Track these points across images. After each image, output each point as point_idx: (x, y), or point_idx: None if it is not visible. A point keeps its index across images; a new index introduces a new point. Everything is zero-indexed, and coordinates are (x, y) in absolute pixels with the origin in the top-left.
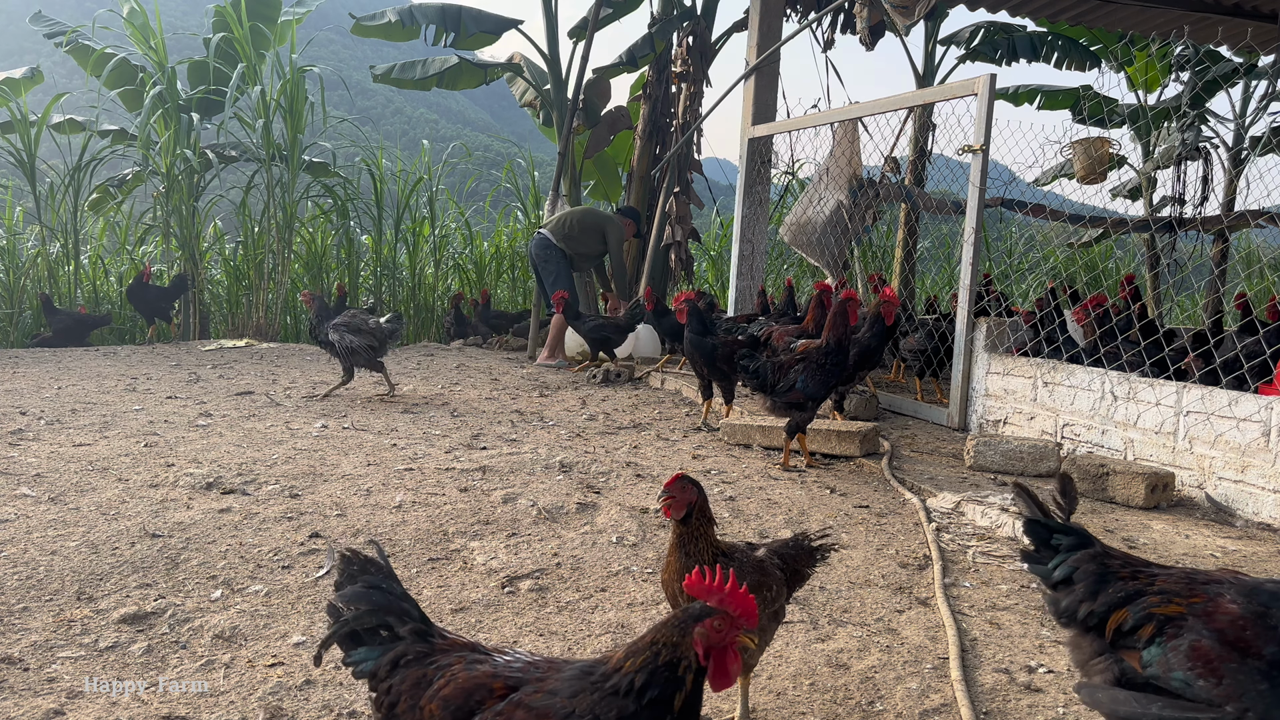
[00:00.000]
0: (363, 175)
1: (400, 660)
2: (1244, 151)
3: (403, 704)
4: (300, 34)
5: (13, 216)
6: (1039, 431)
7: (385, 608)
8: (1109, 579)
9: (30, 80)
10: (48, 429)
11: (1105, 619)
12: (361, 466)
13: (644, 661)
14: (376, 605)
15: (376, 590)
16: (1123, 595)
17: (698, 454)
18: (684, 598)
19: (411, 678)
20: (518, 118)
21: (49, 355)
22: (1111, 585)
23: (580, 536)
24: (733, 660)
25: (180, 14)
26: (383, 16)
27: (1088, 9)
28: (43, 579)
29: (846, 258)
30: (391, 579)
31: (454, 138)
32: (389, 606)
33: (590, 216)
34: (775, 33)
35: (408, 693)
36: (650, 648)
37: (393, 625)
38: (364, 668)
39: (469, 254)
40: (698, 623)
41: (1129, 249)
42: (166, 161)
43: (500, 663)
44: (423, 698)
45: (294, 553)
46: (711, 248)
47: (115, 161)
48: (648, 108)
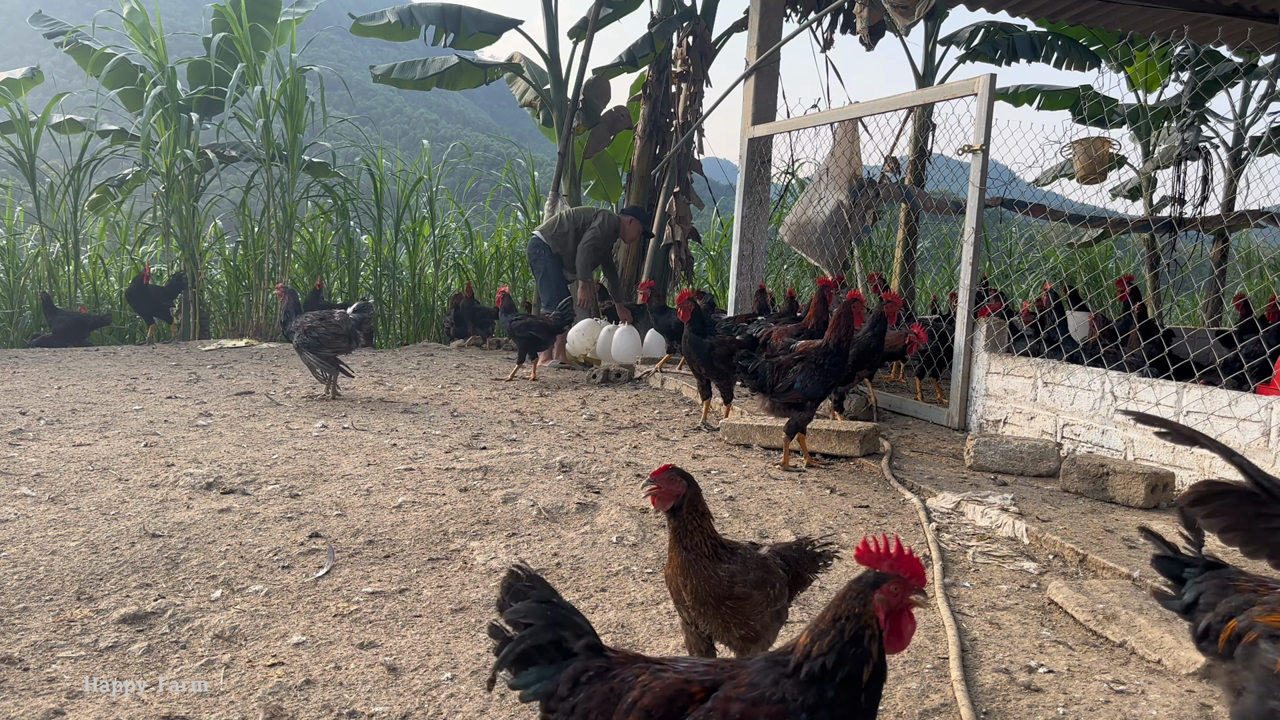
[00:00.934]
0: (363, 175)
1: (580, 677)
2: (1244, 151)
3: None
4: (300, 34)
5: (13, 216)
6: (1039, 431)
7: (560, 622)
8: (1227, 591)
9: (30, 80)
10: (48, 429)
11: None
12: (361, 466)
13: (831, 642)
14: (551, 620)
15: (548, 605)
16: (1236, 604)
17: (698, 454)
18: (687, 594)
19: (599, 694)
20: (518, 118)
21: (49, 355)
22: (1229, 597)
23: (580, 536)
24: (908, 622)
25: (180, 14)
26: (382, 17)
27: (1088, 9)
28: (43, 579)
29: (846, 258)
30: (554, 594)
31: (454, 138)
32: (563, 621)
33: (581, 215)
34: (775, 33)
35: (597, 709)
36: (834, 625)
37: (566, 641)
38: (538, 689)
39: (469, 254)
40: (875, 589)
41: (1129, 249)
42: (166, 161)
43: (683, 668)
44: (615, 713)
45: (294, 553)
46: (711, 248)
47: (115, 161)
48: (648, 108)
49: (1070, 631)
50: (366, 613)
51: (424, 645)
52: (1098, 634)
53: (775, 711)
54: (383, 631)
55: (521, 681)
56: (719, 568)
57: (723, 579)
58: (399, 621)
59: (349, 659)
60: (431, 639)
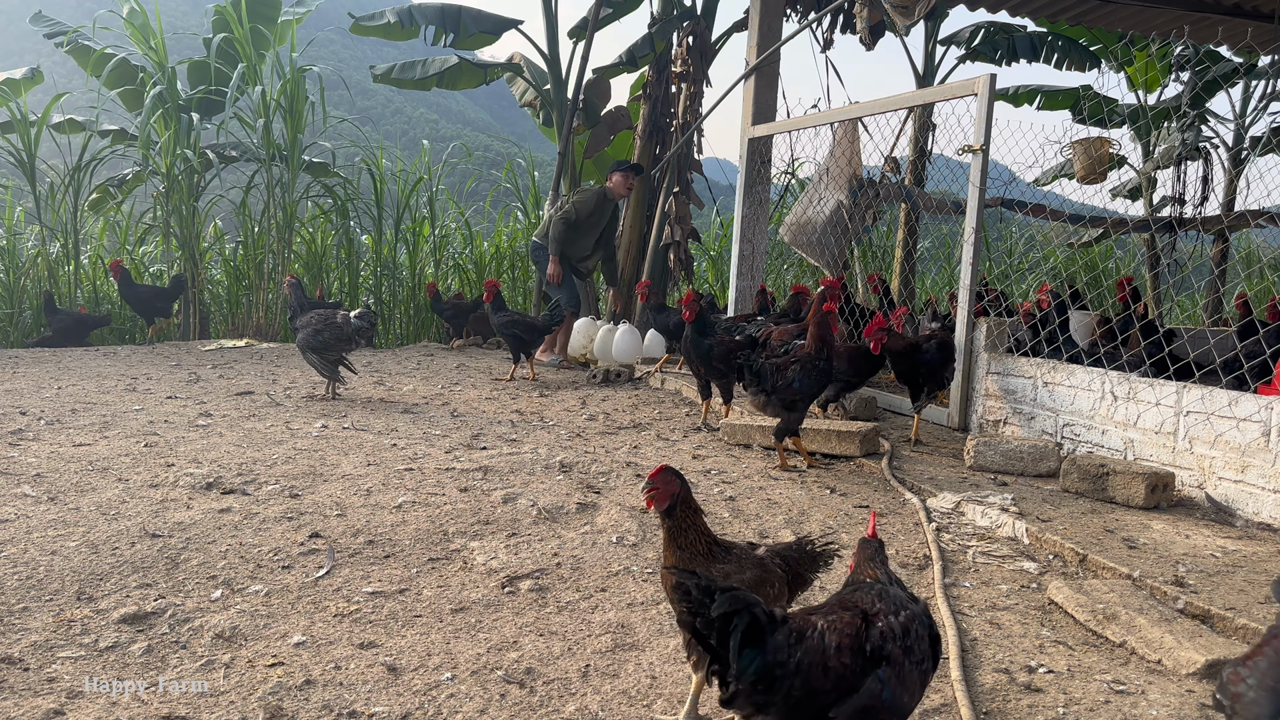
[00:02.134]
0: (363, 175)
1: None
2: (1244, 151)
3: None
4: (300, 34)
5: (13, 216)
6: (1039, 431)
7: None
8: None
9: (30, 80)
10: (48, 429)
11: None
12: (361, 466)
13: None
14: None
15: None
16: None
17: (698, 454)
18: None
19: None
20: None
21: (49, 355)
22: None
23: (580, 536)
24: None
25: (180, 14)
26: (382, 17)
27: (1088, 9)
28: (43, 579)
29: (846, 258)
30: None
31: (454, 138)
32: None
33: (565, 201)
34: (775, 33)
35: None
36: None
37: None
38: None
39: (469, 254)
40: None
41: (1129, 249)
42: (166, 161)
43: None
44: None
45: (294, 553)
46: (711, 248)
47: (115, 161)
48: (648, 108)
49: (1070, 631)
50: (366, 613)
51: (424, 645)
52: (1098, 634)
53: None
54: (383, 631)
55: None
56: (714, 567)
57: (716, 578)
58: (399, 621)
59: (349, 659)
60: (431, 639)
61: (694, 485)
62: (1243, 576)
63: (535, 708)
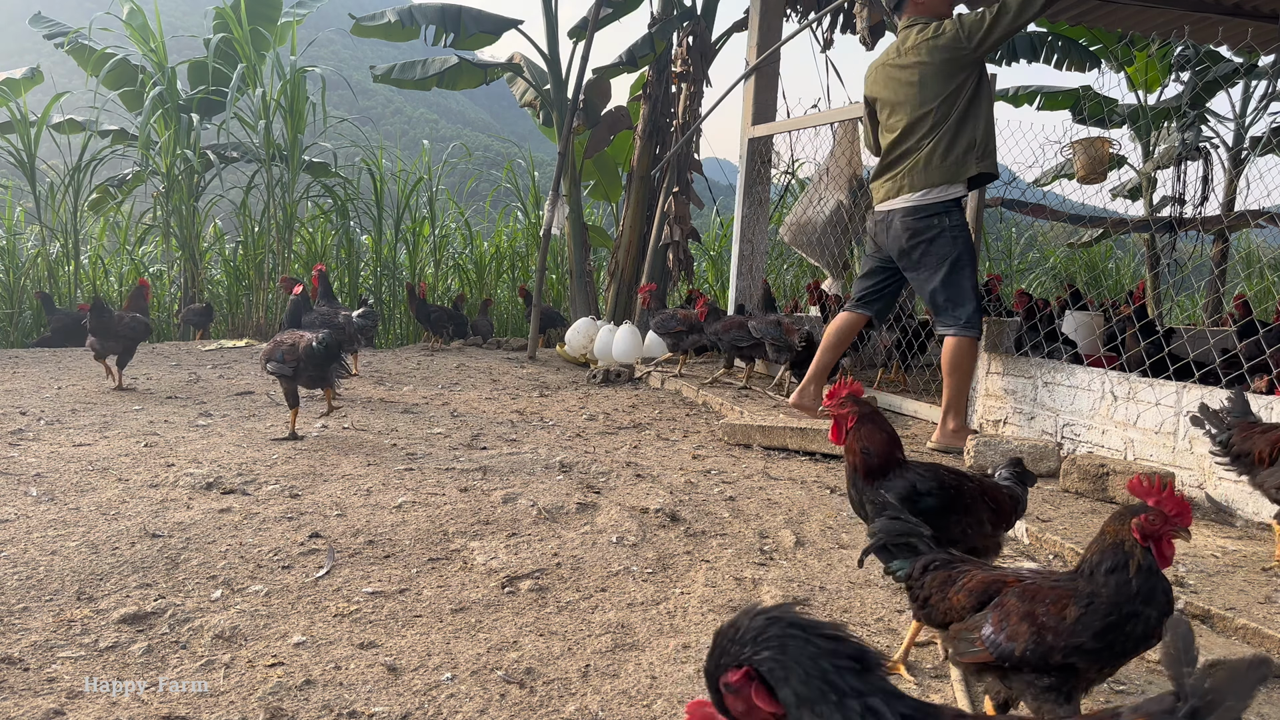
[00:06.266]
0: (363, 175)
1: (930, 565)
2: (1244, 151)
3: (934, 598)
4: (301, 34)
5: (13, 216)
6: (1039, 431)
7: (906, 532)
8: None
9: (30, 80)
10: (48, 429)
11: None
12: (361, 466)
13: (1095, 548)
14: (899, 530)
15: (897, 520)
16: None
17: (698, 454)
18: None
19: (939, 578)
20: (518, 118)
21: (49, 355)
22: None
23: (580, 536)
24: (1168, 548)
25: (180, 14)
26: (382, 17)
27: (1088, 9)
28: (43, 579)
29: (847, 258)
30: (906, 514)
31: (454, 138)
32: (909, 530)
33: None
34: (775, 33)
35: (937, 589)
36: (1099, 539)
37: (914, 543)
38: (900, 572)
39: (469, 254)
40: (1134, 515)
41: (1129, 249)
42: (166, 161)
43: (1009, 569)
44: (949, 591)
45: (294, 553)
46: (711, 248)
47: (115, 161)
48: (648, 108)
49: None
50: (366, 613)
51: (424, 645)
52: None
53: (1063, 591)
54: (383, 631)
55: (891, 568)
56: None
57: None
58: (399, 621)
59: (349, 659)
60: (431, 639)
61: (693, 485)
62: (1242, 576)
63: (535, 708)
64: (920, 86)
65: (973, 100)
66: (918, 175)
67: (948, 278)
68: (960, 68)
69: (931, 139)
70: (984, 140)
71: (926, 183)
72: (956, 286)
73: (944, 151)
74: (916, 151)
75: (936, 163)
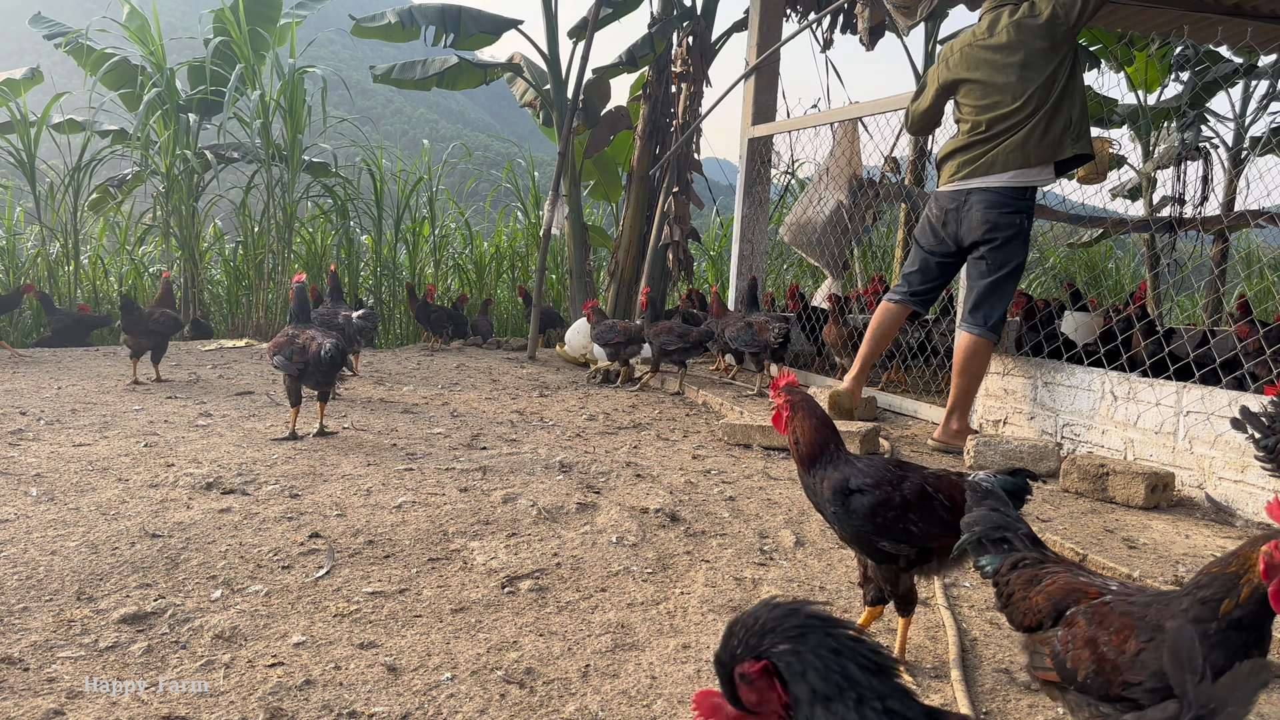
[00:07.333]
0: (363, 175)
1: (1018, 563)
2: (1244, 151)
3: (1016, 595)
4: (301, 35)
5: (13, 216)
6: (1039, 431)
7: (1002, 525)
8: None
9: (30, 80)
10: (48, 429)
11: None
12: (361, 466)
13: (1208, 573)
14: (995, 523)
15: (995, 512)
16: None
17: (698, 454)
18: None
19: (1024, 576)
20: (518, 118)
21: (49, 355)
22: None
23: (580, 536)
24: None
25: (180, 14)
26: (383, 18)
27: None
28: (43, 579)
29: (846, 258)
30: (1006, 505)
31: (454, 138)
32: (1005, 524)
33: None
34: (775, 33)
35: (1020, 587)
36: (1221, 561)
37: (1009, 538)
38: (989, 568)
39: (469, 254)
40: (1265, 542)
41: (1129, 249)
42: (166, 162)
43: (1097, 580)
44: (1032, 592)
45: (294, 553)
46: (711, 248)
47: (115, 161)
48: (648, 108)
49: None
50: (366, 613)
51: (424, 645)
52: None
53: (1129, 621)
54: (383, 631)
55: (980, 563)
56: None
57: None
58: (399, 621)
59: (349, 659)
60: (431, 639)
61: (693, 485)
62: None
63: (535, 708)
64: (1023, 67)
65: (1070, 78)
66: (1013, 155)
67: (1001, 280)
68: (1058, 46)
69: (1033, 120)
70: (1079, 120)
71: (1023, 163)
72: (1003, 290)
73: (1043, 132)
74: (1014, 132)
75: (1035, 143)
